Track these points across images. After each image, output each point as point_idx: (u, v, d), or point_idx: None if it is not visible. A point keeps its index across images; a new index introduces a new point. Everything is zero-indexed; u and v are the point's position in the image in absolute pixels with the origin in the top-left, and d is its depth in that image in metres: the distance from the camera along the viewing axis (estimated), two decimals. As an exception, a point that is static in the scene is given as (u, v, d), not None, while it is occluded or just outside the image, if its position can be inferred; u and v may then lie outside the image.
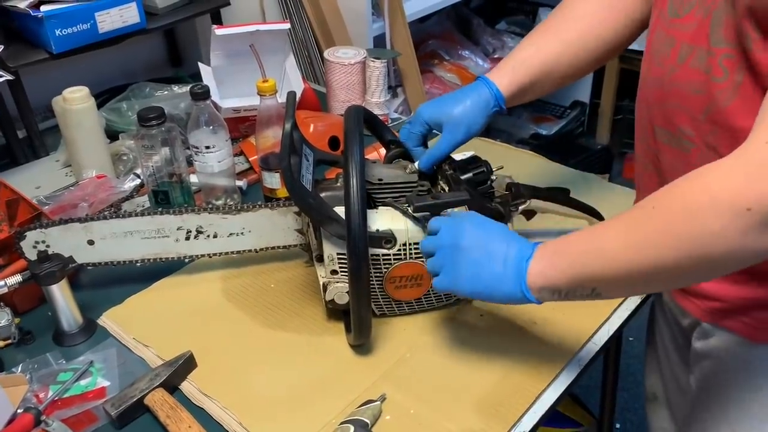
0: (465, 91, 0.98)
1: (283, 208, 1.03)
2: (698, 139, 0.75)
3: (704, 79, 0.72)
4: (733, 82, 0.70)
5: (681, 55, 0.75)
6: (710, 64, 0.71)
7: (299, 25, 1.79)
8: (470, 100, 0.96)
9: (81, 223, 1.00)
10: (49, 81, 1.39)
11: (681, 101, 0.76)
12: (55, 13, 1.31)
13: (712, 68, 0.71)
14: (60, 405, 0.88)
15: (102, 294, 1.06)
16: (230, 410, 0.86)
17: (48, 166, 1.44)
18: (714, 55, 0.71)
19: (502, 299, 0.76)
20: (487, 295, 0.77)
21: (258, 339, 0.97)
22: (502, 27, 2.67)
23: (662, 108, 0.79)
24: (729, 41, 0.69)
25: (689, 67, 0.74)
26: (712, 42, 0.71)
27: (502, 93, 0.96)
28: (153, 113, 1.10)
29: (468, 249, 0.77)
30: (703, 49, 0.72)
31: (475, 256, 0.77)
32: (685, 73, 0.75)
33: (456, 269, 0.78)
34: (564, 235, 0.74)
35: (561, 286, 0.72)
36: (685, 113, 0.76)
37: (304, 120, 1.35)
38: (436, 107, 0.98)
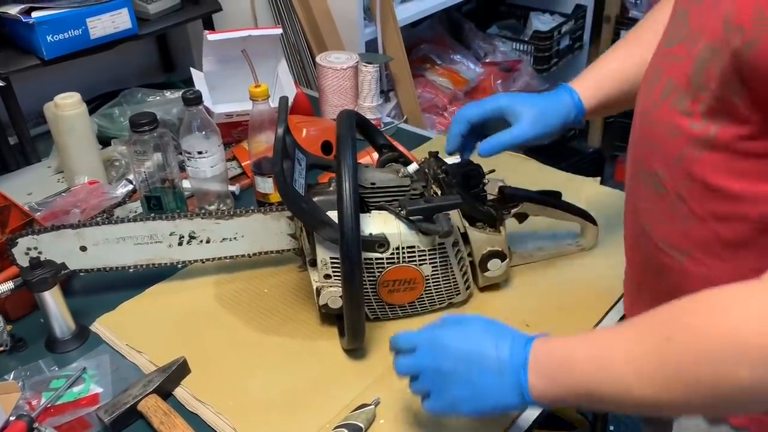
0: (550, 95, 0.93)
1: (276, 212, 1.03)
2: (670, 185, 0.69)
3: (681, 123, 0.66)
4: (707, 133, 0.63)
5: (664, 91, 0.69)
6: (689, 108, 0.65)
7: (291, 30, 1.80)
8: (555, 105, 0.91)
9: (73, 229, 0.99)
10: (40, 87, 1.38)
11: (657, 141, 0.70)
12: (47, 19, 1.31)
13: (691, 113, 0.64)
14: (53, 412, 0.87)
15: (95, 300, 1.06)
16: (224, 416, 0.86)
17: (40, 172, 1.43)
18: (694, 98, 0.64)
19: (508, 411, 0.71)
20: (491, 412, 0.68)
21: (252, 344, 0.97)
22: (493, 31, 2.68)
23: (642, 144, 0.73)
24: (709, 87, 0.61)
25: (669, 106, 0.67)
26: (693, 84, 0.63)
27: (585, 106, 0.91)
28: (145, 119, 1.10)
29: (455, 370, 0.69)
30: (685, 89, 0.65)
31: (465, 376, 0.68)
32: (665, 112, 0.68)
33: (449, 393, 0.70)
34: (561, 340, 0.65)
35: (569, 402, 0.65)
36: (660, 154, 0.70)
37: (296, 125, 1.35)
38: (516, 97, 0.92)
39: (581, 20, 2.67)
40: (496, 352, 0.67)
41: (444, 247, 0.94)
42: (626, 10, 2.70)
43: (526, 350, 0.65)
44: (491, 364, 0.67)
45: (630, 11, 2.69)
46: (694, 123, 0.64)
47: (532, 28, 2.63)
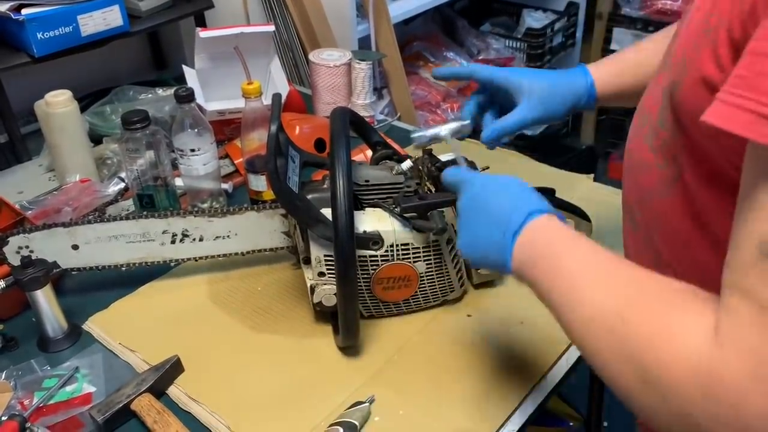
0: (562, 73, 0.88)
1: (269, 210, 1.03)
2: (641, 223, 0.67)
3: (649, 159, 0.62)
4: (671, 175, 0.59)
5: (641, 121, 0.65)
6: (656, 145, 0.61)
7: (284, 27, 1.79)
8: (566, 84, 0.86)
9: (65, 228, 0.99)
10: (31, 85, 1.37)
11: (634, 173, 0.66)
12: (37, 17, 1.30)
13: (657, 151, 0.60)
14: (45, 412, 0.87)
15: (87, 299, 1.05)
16: (218, 414, 0.85)
17: (31, 170, 1.42)
18: (659, 136, 0.60)
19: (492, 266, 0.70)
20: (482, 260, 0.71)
21: (245, 342, 0.97)
22: (486, 28, 2.68)
23: (626, 172, 0.70)
24: (668, 127, 0.58)
25: (642, 139, 0.64)
26: (659, 121, 0.60)
27: (597, 91, 0.87)
28: (137, 116, 1.09)
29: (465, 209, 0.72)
30: (653, 123, 0.61)
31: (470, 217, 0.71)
32: (639, 144, 0.65)
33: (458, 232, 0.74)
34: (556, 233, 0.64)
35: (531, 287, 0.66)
36: (635, 188, 0.66)
37: (289, 122, 1.35)
38: (523, 72, 0.88)
39: (574, 17, 2.67)
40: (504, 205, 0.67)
41: (438, 244, 0.94)
42: (618, 7, 2.71)
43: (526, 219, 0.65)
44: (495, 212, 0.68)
45: (622, 8, 2.70)
46: (658, 161, 0.61)
47: (524, 26, 2.63)
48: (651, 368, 0.49)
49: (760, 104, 0.40)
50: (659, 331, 0.49)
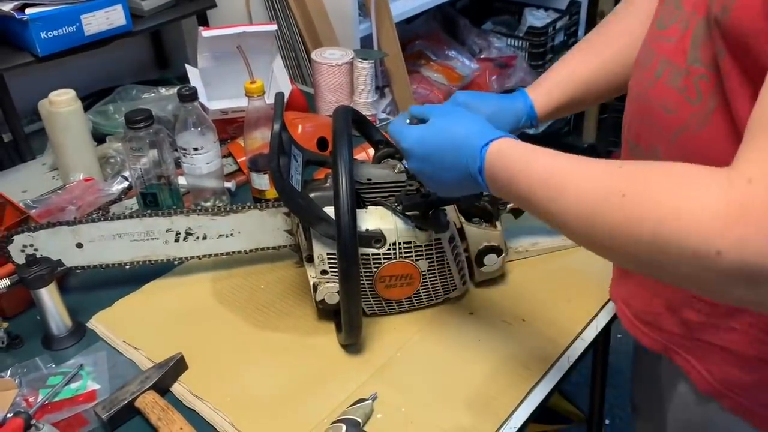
0: (504, 97, 0.96)
1: (272, 209, 1.03)
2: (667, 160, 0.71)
3: (678, 100, 0.67)
4: (706, 108, 0.64)
5: (658, 70, 0.70)
6: (685, 85, 0.66)
7: (286, 26, 1.80)
8: (508, 107, 0.94)
9: (69, 226, 0.99)
10: (34, 84, 1.38)
11: (655, 119, 0.71)
12: (41, 16, 1.31)
13: (687, 89, 0.66)
14: (50, 409, 0.88)
15: (91, 297, 1.06)
16: (222, 411, 0.86)
17: (35, 169, 1.43)
18: (690, 74, 0.66)
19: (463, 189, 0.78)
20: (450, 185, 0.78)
21: (249, 340, 0.97)
22: (488, 27, 2.68)
23: (638, 124, 0.75)
24: (705, 62, 0.64)
25: (664, 84, 0.69)
26: (689, 60, 0.65)
27: (537, 111, 0.94)
28: (140, 115, 1.10)
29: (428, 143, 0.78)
30: (680, 66, 0.67)
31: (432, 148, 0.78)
32: (660, 91, 0.70)
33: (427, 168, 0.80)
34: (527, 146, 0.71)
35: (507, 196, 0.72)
36: (657, 133, 0.71)
37: (292, 121, 1.35)
38: (475, 96, 0.96)
39: (576, 16, 2.67)
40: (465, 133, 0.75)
41: (440, 242, 0.95)
42: (620, 5, 2.71)
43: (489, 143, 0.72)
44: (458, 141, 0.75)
45: (624, 7, 2.69)
46: (690, 97, 0.66)
47: (526, 24, 2.63)
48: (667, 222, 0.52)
49: None
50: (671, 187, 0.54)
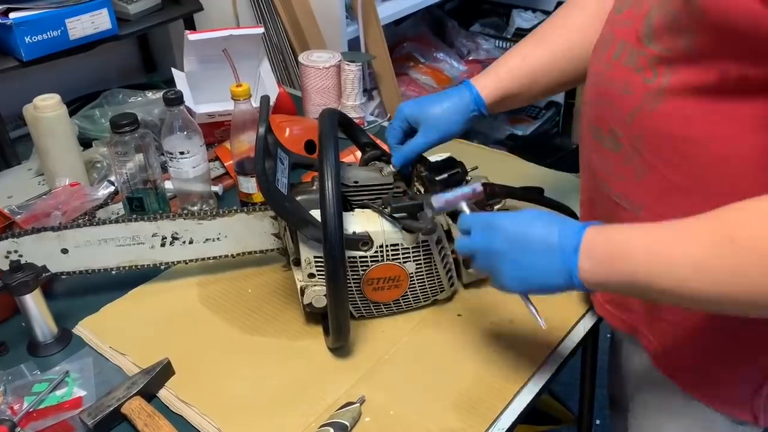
0: (447, 93, 0.98)
1: (259, 212, 1.03)
2: (626, 141, 0.73)
3: (633, 80, 0.70)
4: (659, 86, 0.67)
5: (615, 52, 0.73)
6: (640, 64, 0.69)
7: (273, 29, 1.79)
8: (450, 102, 0.96)
9: (54, 232, 0.98)
10: (19, 89, 1.37)
11: (613, 100, 0.74)
12: (25, 20, 1.30)
13: (644, 69, 0.69)
14: (35, 416, 0.87)
15: (77, 303, 1.05)
16: (209, 416, 0.85)
17: (20, 174, 1.42)
18: (644, 54, 0.69)
19: (554, 292, 0.71)
20: (539, 291, 0.72)
21: (236, 344, 0.97)
22: (476, 29, 2.69)
23: (597, 106, 0.78)
24: (660, 42, 0.67)
25: (621, 65, 0.72)
26: (644, 40, 0.69)
27: (484, 99, 0.95)
28: (126, 120, 1.09)
29: (505, 250, 0.72)
30: (635, 47, 0.70)
31: (514, 255, 0.71)
32: (618, 72, 0.73)
33: (500, 274, 0.73)
34: (617, 228, 0.67)
35: (620, 290, 0.69)
36: (615, 113, 0.73)
37: (279, 124, 1.35)
38: (416, 105, 0.99)
39: (563, 17, 2.68)
40: (547, 235, 0.69)
41: (428, 244, 0.95)
42: (607, 7, 2.72)
43: (580, 234, 0.67)
44: (540, 246, 0.69)
45: (611, 8, 2.71)
46: (645, 77, 0.68)
47: (514, 26, 2.64)
48: None
49: None
50: None
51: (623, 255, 0.64)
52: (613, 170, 0.76)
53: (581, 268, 0.66)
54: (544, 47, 0.95)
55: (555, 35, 0.95)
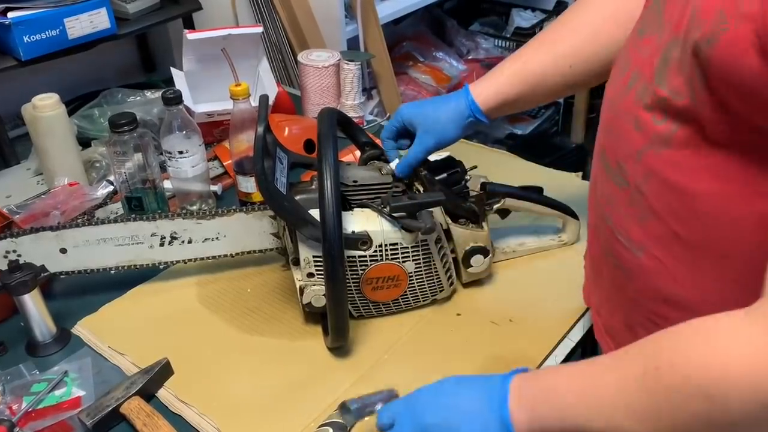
0: (446, 97, 0.97)
1: (258, 212, 1.03)
2: (632, 179, 0.67)
3: (644, 117, 0.64)
4: (668, 129, 0.61)
5: (631, 81, 0.67)
6: (650, 103, 0.63)
7: (272, 28, 1.79)
8: (447, 107, 0.95)
9: (53, 232, 0.98)
10: (18, 88, 1.37)
11: (622, 132, 0.68)
12: (23, 20, 1.30)
13: (653, 108, 0.63)
14: (34, 416, 0.87)
15: (76, 303, 1.05)
16: (208, 416, 0.85)
17: (19, 174, 1.41)
18: (655, 94, 0.62)
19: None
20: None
21: (235, 344, 0.97)
22: (475, 28, 2.69)
23: (608, 134, 0.72)
24: (671, 84, 0.60)
25: (634, 98, 0.65)
26: (657, 79, 0.62)
27: (479, 104, 0.93)
28: (125, 119, 1.09)
29: (437, 426, 0.66)
30: (648, 83, 0.63)
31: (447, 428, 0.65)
32: (630, 103, 0.66)
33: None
34: (542, 373, 0.64)
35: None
36: (624, 146, 0.68)
37: (278, 123, 1.35)
38: (415, 108, 0.98)
39: (562, 16, 2.68)
40: (474, 398, 0.65)
41: (427, 243, 0.94)
42: (607, 5, 2.72)
43: (505, 386, 0.64)
44: (470, 411, 0.64)
45: (610, 7, 2.70)
46: (656, 118, 0.62)
47: (513, 25, 2.64)
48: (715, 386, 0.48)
49: None
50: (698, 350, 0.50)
51: (552, 399, 0.60)
52: (618, 205, 0.71)
53: (516, 420, 0.62)
54: (547, 51, 0.90)
55: (561, 38, 0.90)
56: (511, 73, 0.93)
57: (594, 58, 0.87)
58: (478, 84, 0.95)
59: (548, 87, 0.92)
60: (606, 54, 0.85)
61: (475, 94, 0.94)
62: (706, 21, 0.54)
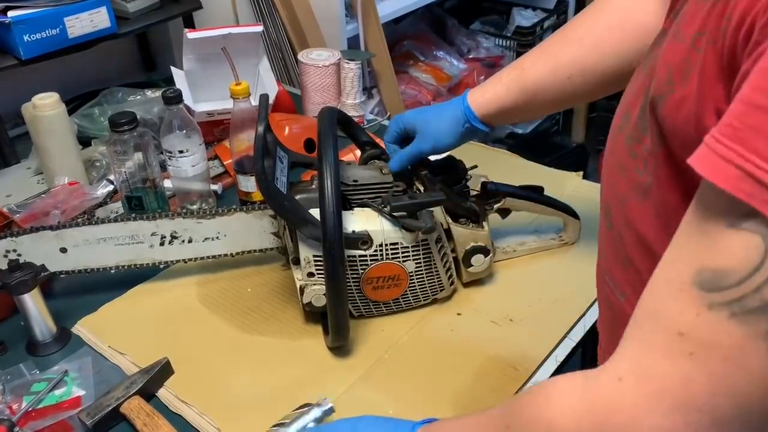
0: (447, 103, 0.96)
1: (258, 211, 1.03)
2: (615, 223, 0.63)
3: (629, 164, 0.58)
4: (645, 182, 0.56)
5: (623, 120, 0.61)
6: (636, 151, 0.57)
7: (273, 27, 1.79)
8: (446, 113, 0.95)
9: (53, 231, 0.98)
10: (18, 87, 1.37)
11: (612, 173, 0.63)
12: (23, 19, 1.29)
13: (637, 156, 0.57)
14: (34, 416, 0.87)
15: (76, 302, 1.05)
16: (208, 416, 0.85)
17: (19, 173, 1.41)
18: (639, 140, 0.56)
19: None
20: None
21: (235, 343, 0.97)
22: (476, 27, 2.68)
23: (605, 167, 0.66)
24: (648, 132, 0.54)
25: (623, 139, 0.60)
26: (639, 127, 0.56)
27: (475, 111, 0.92)
28: (125, 118, 1.09)
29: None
30: (634, 127, 0.57)
31: None
32: (620, 145, 0.60)
33: None
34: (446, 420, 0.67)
35: None
36: (612, 188, 0.64)
37: (279, 122, 1.35)
38: (416, 113, 0.98)
39: (563, 15, 2.68)
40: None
41: (427, 243, 0.94)
42: (608, 5, 2.71)
43: None
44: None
45: (611, 6, 2.70)
46: (638, 167, 0.57)
47: (514, 24, 2.63)
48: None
49: (748, 161, 0.39)
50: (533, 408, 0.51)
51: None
52: (605, 245, 0.68)
53: None
54: (546, 60, 0.87)
55: (563, 47, 0.86)
56: (509, 81, 0.90)
57: (593, 69, 0.83)
58: (476, 90, 0.94)
59: (547, 98, 0.88)
60: (606, 67, 0.82)
61: (471, 100, 0.93)
62: (661, 79, 0.52)
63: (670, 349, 0.43)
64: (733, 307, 0.40)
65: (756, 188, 0.38)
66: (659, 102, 0.51)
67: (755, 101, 0.39)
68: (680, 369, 0.42)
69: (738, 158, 0.39)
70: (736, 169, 0.39)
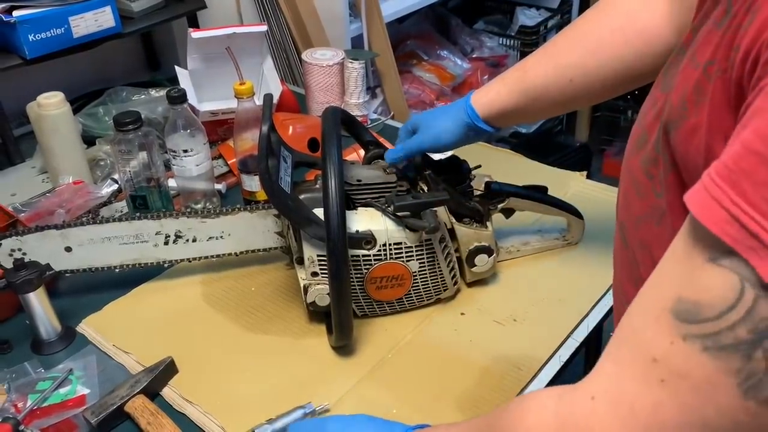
0: (453, 103, 0.97)
1: (262, 210, 1.03)
2: (631, 242, 0.62)
3: (646, 186, 0.57)
4: (662, 206, 0.55)
5: (639, 140, 0.58)
6: (653, 173, 0.55)
7: (277, 26, 1.79)
8: (449, 111, 0.95)
9: (58, 230, 0.99)
10: (23, 87, 1.37)
11: (628, 193, 0.61)
12: (28, 18, 1.30)
13: (654, 178, 0.55)
14: (39, 414, 0.87)
15: (81, 301, 1.05)
16: (212, 415, 0.85)
17: (24, 172, 1.42)
18: (657, 164, 0.54)
19: None
20: None
21: (239, 343, 0.97)
22: (479, 26, 2.68)
23: (621, 183, 0.64)
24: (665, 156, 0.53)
25: (640, 161, 0.58)
26: (657, 148, 0.54)
27: (477, 110, 0.91)
28: (129, 118, 1.09)
29: None
30: (652, 149, 0.55)
31: None
32: (636, 166, 0.59)
33: None
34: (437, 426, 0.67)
35: None
36: (628, 208, 0.62)
37: (283, 122, 1.35)
38: (423, 113, 0.99)
39: (567, 15, 2.67)
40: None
41: (431, 243, 0.94)
42: (612, 4, 2.71)
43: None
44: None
45: (615, 5, 2.69)
46: (655, 189, 0.56)
47: (518, 23, 2.63)
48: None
49: (735, 204, 0.39)
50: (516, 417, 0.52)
51: None
52: (619, 261, 0.68)
53: None
54: (548, 62, 0.86)
55: (565, 49, 0.85)
56: (512, 82, 0.90)
57: (595, 72, 0.82)
58: (480, 90, 0.94)
59: (549, 100, 0.87)
60: (607, 71, 0.81)
61: (474, 101, 0.93)
62: (674, 106, 0.51)
63: (644, 374, 0.43)
64: (706, 341, 0.40)
65: (740, 233, 0.38)
66: (672, 128, 0.51)
67: (753, 146, 0.39)
68: (652, 394, 0.43)
69: (727, 201, 0.39)
70: (724, 211, 0.39)
